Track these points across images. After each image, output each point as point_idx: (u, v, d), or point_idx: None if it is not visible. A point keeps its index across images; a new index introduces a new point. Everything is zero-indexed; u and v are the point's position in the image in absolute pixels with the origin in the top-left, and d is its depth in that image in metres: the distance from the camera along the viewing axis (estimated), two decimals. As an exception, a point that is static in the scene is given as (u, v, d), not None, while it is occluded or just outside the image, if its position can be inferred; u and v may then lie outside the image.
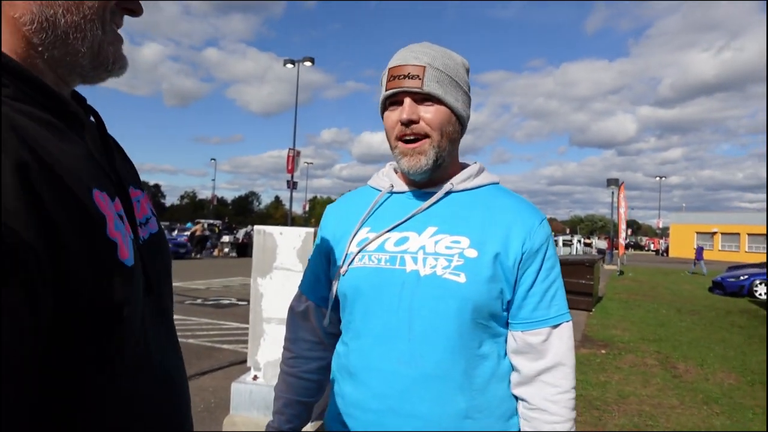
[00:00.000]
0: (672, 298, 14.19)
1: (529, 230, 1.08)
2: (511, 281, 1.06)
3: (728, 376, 6.07)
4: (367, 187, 1.26)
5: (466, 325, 1.02)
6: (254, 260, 3.81)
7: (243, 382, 3.77)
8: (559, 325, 1.09)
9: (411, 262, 1.05)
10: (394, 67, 1.08)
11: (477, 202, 1.12)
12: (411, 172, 1.09)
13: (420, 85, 1.05)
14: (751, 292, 15.08)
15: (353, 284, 1.10)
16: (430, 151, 1.07)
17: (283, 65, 27.75)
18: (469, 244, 1.04)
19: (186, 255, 22.94)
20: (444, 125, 1.08)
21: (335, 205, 1.29)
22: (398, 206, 1.15)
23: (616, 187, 27.35)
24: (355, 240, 1.13)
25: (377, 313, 1.06)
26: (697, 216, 54.05)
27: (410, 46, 1.11)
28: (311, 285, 1.25)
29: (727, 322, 10.32)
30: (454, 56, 1.12)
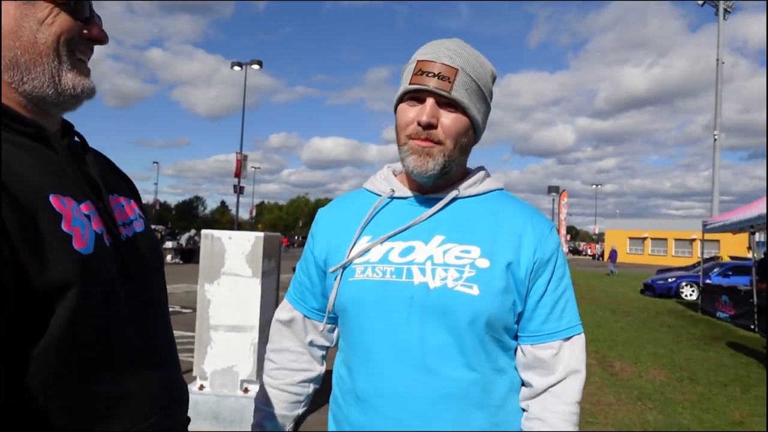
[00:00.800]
0: (608, 300, 14.85)
1: (540, 238, 1.03)
2: (522, 293, 1.01)
3: (659, 372, 6.42)
4: (364, 190, 1.17)
5: (481, 339, 0.96)
6: (201, 266, 3.72)
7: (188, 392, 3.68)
8: (571, 338, 1.03)
9: (419, 274, 0.98)
10: (425, 62, 0.99)
11: (484, 208, 1.06)
12: (416, 173, 1.01)
13: (448, 89, 0.97)
14: (678, 294, 15.99)
15: (355, 298, 1.01)
16: (439, 157, 1.00)
17: (231, 68, 27.24)
18: (480, 254, 0.99)
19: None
20: (460, 136, 1.01)
21: (328, 210, 1.19)
22: (401, 213, 1.07)
23: (557, 194, 28.40)
24: (355, 249, 1.05)
25: (384, 331, 0.98)
26: (630, 222, 56.97)
27: (444, 42, 1.03)
28: (299, 294, 1.18)
29: (657, 322, 10.90)
30: (485, 63, 1.06)
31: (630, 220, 57.77)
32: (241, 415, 3.61)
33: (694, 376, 6.26)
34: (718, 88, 25.68)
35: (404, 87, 1.02)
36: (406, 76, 1.03)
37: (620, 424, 4.49)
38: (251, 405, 4.13)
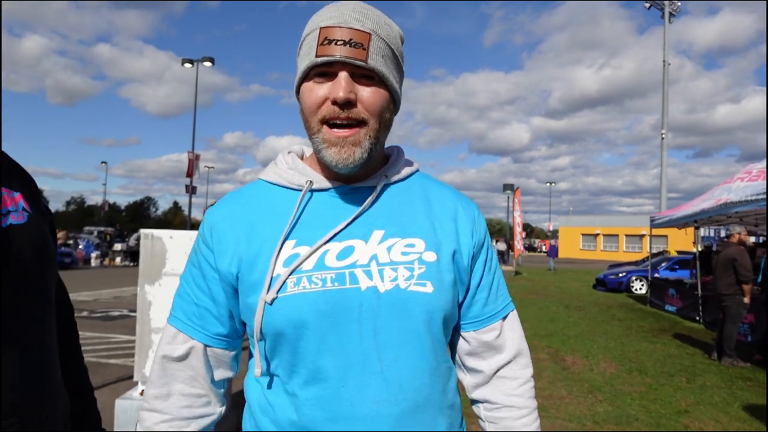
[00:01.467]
0: (561, 295, 15.20)
1: (473, 220, 0.99)
2: (465, 281, 0.96)
3: (610, 365, 6.56)
4: (262, 183, 0.98)
5: (437, 339, 0.90)
6: (141, 266, 3.55)
7: (129, 398, 3.51)
8: (508, 315, 1.02)
9: (365, 278, 0.85)
10: (331, 28, 0.84)
11: (414, 194, 0.98)
12: (340, 166, 0.87)
13: (365, 58, 0.83)
14: (629, 288, 16.52)
15: (293, 317, 0.83)
16: (365, 142, 0.86)
17: (182, 65, 26.53)
18: (425, 247, 0.90)
19: (72, 265, 21.13)
20: (383, 111, 0.89)
21: (225, 213, 0.95)
22: (326, 208, 0.92)
23: (511, 192, 28.90)
24: (280, 259, 0.87)
25: (334, 348, 0.83)
26: (583, 219, 58.61)
27: (347, 3, 0.88)
28: (197, 319, 0.94)
29: (608, 315, 11.20)
30: (393, 24, 0.93)
31: (583, 217, 59.47)
32: (185, 422, 3.47)
33: (642, 368, 6.43)
34: (665, 88, 26.67)
35: (309, 60, 0.85)
36: (307, 48, 0.87)
37: (571, 416, 4.55)
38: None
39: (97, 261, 24.35)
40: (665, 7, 27.58)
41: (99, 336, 7.65)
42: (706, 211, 9.63)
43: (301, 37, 0.91)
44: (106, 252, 26.00)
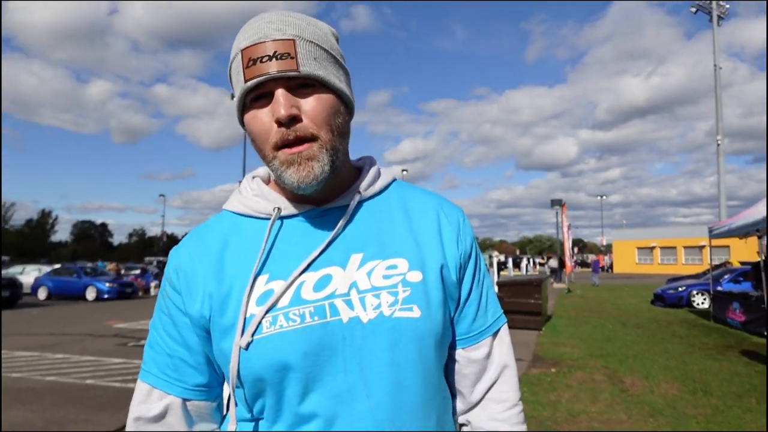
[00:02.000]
0: (617, 312, 14.63)
1: (457, 228, 0.91)
2: (455, 296, 0.88)
3: (671, 386, 6.25)
4: (227, 214, 0.91)
5: (430, 367, 0.82)
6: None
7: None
8: (498, 330, 0.94)
9: (346, 308, 0.79)
10: (251, 47, 0.78)
11: (392, 209, 0.90)
12: (303, 186, 0.80)
13: (295, 67, 0.77)
14: (690, 302, 15.74)
15: (273, 360, 0.76)
16: (321, 155, 0.80)
17: (231, 98, 27.53)
18: (408, 267, 0.83)
19: (132, 295, 22.00)
20: (332, 117, 0.81)
21: (191, 252, 0.87)
22: (297, 236, 0.85)
23: (560, 207, 28.27)
24: (253, 297, 0.80)
25: (319, 386, 0.77)
26: (637, 232, 56.46)
27: (263, 15, 0.82)
28: (168, 372, 0.86)
29: (668, 333, 10.70)
30: (319, 24, 0.86)
31: (637, 230, 57.30)
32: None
33: (707, 388, 6.09)
34: (718, 93, 25.65)
35: (240, 88, 0.80)
36: (236, 74, 0.81)
37: (631, 442, 4.35)
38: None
39: (155, 290, 25.26)
40: (713, 10, 26.69)
41: (156, 364, 7.90)
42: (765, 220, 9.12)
43: (228, 65, 0.84)
44: (164, 281, 26.98)
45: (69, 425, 4.96)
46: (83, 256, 70.18)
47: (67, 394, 6.08)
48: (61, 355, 8.63)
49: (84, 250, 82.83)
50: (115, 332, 11.48)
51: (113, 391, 6.27)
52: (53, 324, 12.95)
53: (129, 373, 7.22)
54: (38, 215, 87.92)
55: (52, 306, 18.39)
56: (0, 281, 17.41)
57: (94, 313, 15.54)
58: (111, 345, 9.71)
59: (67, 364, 7.90)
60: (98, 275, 22.17)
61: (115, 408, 5.51)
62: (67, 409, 5.50)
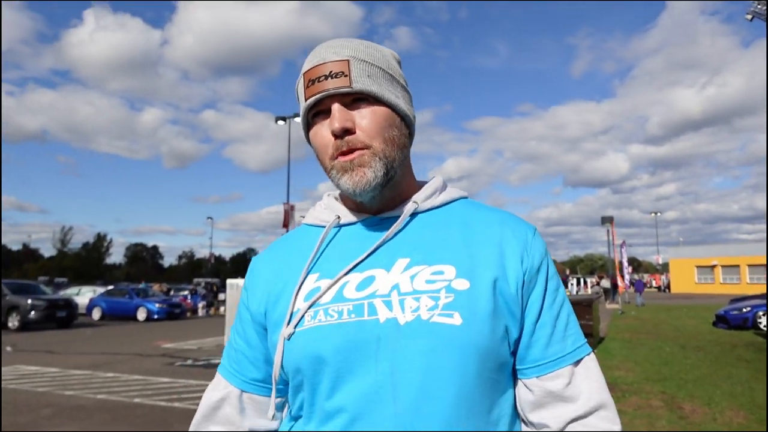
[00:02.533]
0: (676, 334, 13.90)
1: (524, 244, 0.87)
2: (516, 314, 0.83)
3: (737, 414, 5.81)
4: (305, 227, 0.99)
5: (470, 382, 0.76)
6: (227, 316, 3.68)
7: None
8: (581, 360, 0.85)
9: (384, 308, 0.79)
10: (311, 70, 0.85)
11: (451, 221, 0.90)
12: (357, 192, 0.84)
13: (348, 83, 0.83)
14: (756, 324, 14.79)
15: (309, 352, 0.80)
16: (374, 162, 0.83)
17: (275, 122, 28.21)
18: (455, 274, 0.81)
19: (181, 315, 22.58)
20: (385, 129, 0.85)
21: (264, 256, 0.98)
22: (351, 241, 0.89)
23: (609, 224, 27.38)
24: (301, 293, 0.85)
25: (348, 382, 0.77)
26: (696, 250, 54.03)
27: (324, 43, 0.89)
28: (235, 364, 0.94)
29: (733, 356, 10.04)
30: (380, 48, 0.91)
31: (696, 248, 54.84)
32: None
33: (777, 417, 5.63)
34: (778, 103, 24.38)
35: (303, 106, 0.87)
36: (300, 95, 0.90)
37: (692, 474, 4.04)
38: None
39: (203, 311, 25.85)
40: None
41: (201, 384, 7.97)
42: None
43: (295, 90, 0.93)
44: (212, 302, 27.53)
45: (114, 443, 5.03)
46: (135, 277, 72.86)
47: (116, 413, 6.20)
48: (112, 374, 8.86)
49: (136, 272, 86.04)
50: (162, 352, 11.74)
51: (159, 409, 6.36)
52: (105, 344, 13.38)
53: (175, 393, 7.32)
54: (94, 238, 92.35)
55: (105, 326, 19.08)
56: (57, 302, 18.21)
57: (144, 333, 16.01)
58: (158, 364, 9.91)
59: (116, 382, 8.10)
60: (149, 296, 22.89)
61: (161, 426, 5.57)
62: (115, 426, 5.61)
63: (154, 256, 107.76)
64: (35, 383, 7.96)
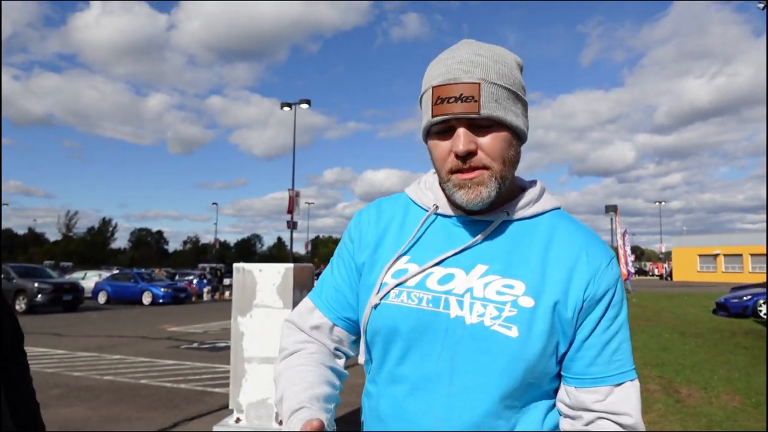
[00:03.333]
0: (676, 321, 13.99)
1: (594, 273, 0.92)
2: (569, 334, 0.90)
3: (732, 398, 5.91)
4: (405, 196, 1.08)
5: (514, 384, 0.87)
6: (234, 299, 3.76)
7: (225, 425, 3.68)
8: (623, 383, 0.90)
9: (456, 307, 0.89)
10: (441, 86, 0.89)
11: (536, 236, 0.96)
12: (470, 206, 0.92)
13: (477, 110, 0.86)
14: (756, 312, 14.86)
15: (389, 323, 0.93)
16: (490, 183, 0.90)
17: (281, 108, 28.18)
18: (524, 291, 0.89)
19: (186, 299, 22.78)
20: (505, 152, 0.91)
21: (371, 213, 1.08)
22: (443, 234, 0.98)
23: (614, 213, 27.37)
24: (391, 270, 0.96)
25: (415, 359, 0.91)
26: (699, 239, 53.91)
27: (455, 54, 0.91)
28: (335, 302, 1.05)
29: (731, 343, 10.13)
30: (506, 57, 0.94)
31: (699, 237, 54.74)
32: (277, 449, 3.57)
33: (772, 402, 5.73)
34: (785, 91, 24.22)
35: (427, 120, 0.92)
36: (425, 106, 0.93)
37: (685, 455, 4.14)
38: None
39: (208, 295, 26.07)
40: (778, 4, 25.31)
41: (206, 366, 8.12)
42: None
43: (420, 93, 0.97)
44: (217, 287, 27.75)
45: (123, 422, 5.16)
46: (140, 262, 73.20)
47: (123, 393, 6.35)
48: (118, 356, 9.03)
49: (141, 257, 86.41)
50: (168, 335, 11.91)
51: (165, 390, 6.50)
52: (111, 327, 13.56)
53: (181, 374, 7.47)
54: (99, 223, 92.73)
55: (110, 310, 19.29)
56: (63, 286, 18.40)
57: (149, 317, 16.19)
58: (164, 347, 10.08)
59: (123, 364, 8.25)
60: (154, 281, 23.08)
61: (167, 407, 5.70)
62: (122, 407, 5.74)
63: (159, 241, 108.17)
64: (44, 364, 8.12)
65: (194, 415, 5.38)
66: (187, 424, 5.10)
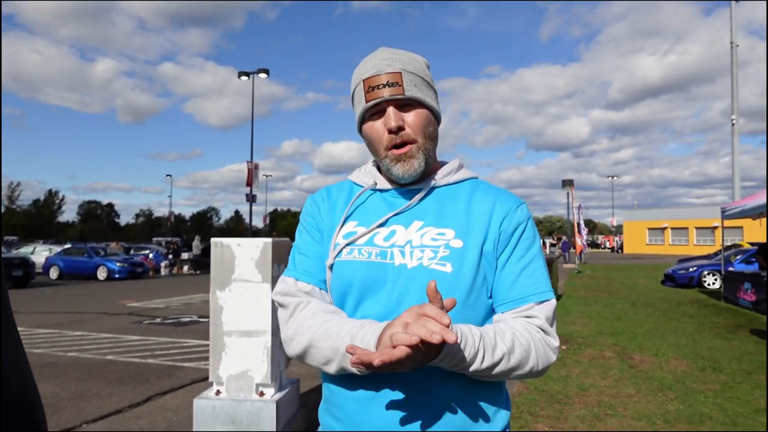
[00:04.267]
0: (627, 292, 14.69)
1: (506, 212, 1.12)
2: (493, 265, 1.09)
3: (681, 363, 6.32)
4: (349, 181, 1.26)
5: (453, 314, 0.98)
6: (212, 273, 3.76)
7: (205, 397, 3.71)
8: (542, 302, 1.08)
9: (399, 256, 1.07)
10: (371, 77, 1.09)
11: (459, 195, 1.16)
12: (405, 177, 1.11)
13: (402, 92, 1.08)
14: (701, 283, 15.75)
15: (344, 277, 1.09)
16: (419, 155, 1.10)
17: (239, 77, 27.44)
18: (454, 236, 1.08)
19: (143, 274, 22.32)
20: (426, 126, 1.11)
21: (322, 194, 1.26)
22: (384, 204, 1.17)
23: (570, 188, 28.13)
24: (341, 232, 1.14)
25: (367, 305, 1.07)
26: (648, 213, 56.17)
27: (377, 55, 1.13)
28: (308, 268, 1.16)
29: (678, 312, 10.75)
30: (416, 57, 1.16)
31: (648, 211, 57.01)
32: (257, 418, 3.63)
33: (716, 366, 6.16)
34: (734, 71, 25.24)
35: (363, 106, 1.11)
36: (358, 97, 1.13)
37: (640, 415, 4.44)
38: (267, 408, 4.09)
39: (166, 270, 25.55)
40: (729, -14, 26.14)
41: (172, 341, 8.07)
42: (783, 200, 9.08)
43: (351, 89, 1.17)
44: (174, 261, 27.22)
45: (94, 398, 5.12)
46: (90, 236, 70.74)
47: (90, 369, 6.26)
48: (80, 332, 8.85)
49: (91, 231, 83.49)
50: (129, 311, 11.71)
51: (134, 366, 6.45)
52: (67, 303, 13.22)
53: (147, 350, 7.40)
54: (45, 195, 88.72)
55: (64, 285, 18.72)
56: (13, 261, 17.73)
57: (107, 293, 15.82)
58: (127, 323, 9.93)
59: (86, 340, 8.11)
60: (109, 255, 22.45)
61: (137, 382, 5.68)
62: (90, 383, 5.68)
63: (110, 215, 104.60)
64: None
65: (167, 389, 5.39)
66: (160, 398, 5.11)
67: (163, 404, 4.93)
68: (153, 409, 4.81)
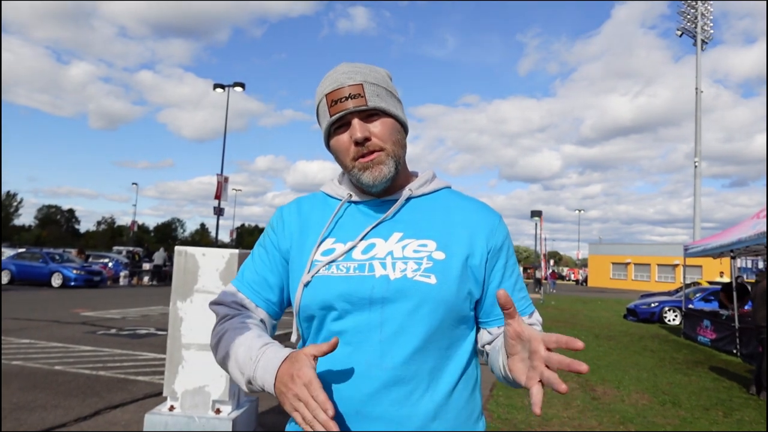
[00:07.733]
0: (591, 324, 14.84)
1: (491, 228, 1.13)
2: (479, 280, 1.09)
3: (642, 396, 6.36)
4: (322, 194, 1.23)
5: (436, 326, 1.02)
6: (174, 283, 3.61)
7: (158, 413, 3.53)
8: (532, 313, 1.16)
9: (380, 268, 1.04)
10: (333, 92, 1.08)
11: (436, 205, 1.15)
12: (375, 184, 1.08)
13: (365, 103, 1.06)
14: (662, 318, 16.04)
15: (321, 295, 1.05)
16: (388, 161, 1.08)
17: (214, 89, 27.19)
18: (436, 247, 1.07)
19: (101, 283, 21.56)
20: (393, 134, 1.10)
21: (291, 208, 1.22)
22: (360, 216, 1.14)
23: (539, 219, 28.56)
24: (320, 249, 1.10)
25: (348, 319, 1.03)
26: (613, 248, 57.41)
27: (338, 69, 1.12)
28: (253, 284, 1.15)
29: (640, 346, 10.88)
30: (378, 69, 1.16)
31: (613, 246, 58.29)
32: (211, 439, 3.46)
33: (676, 400, 6.22)
34: (698, 116, 26.29)
35: (328, 121, 1.09)
36: (322, 112, 1.11)
37: (603, 448, 4.40)
38: (223, 426, 3.93)
39: (125, 280, 24.76)
40: (697, 35, 27.37)
41: (127, 353, 7.74)
42: (743, 241, 9.36)
43: (315, 106, 1.15)
44: (134, 271, 26.43)
45: (38, 410, 4.82)
46: (48, 241, 68.44)
47: (35, 379, 5.92)
48: (27, 340, 8.40)
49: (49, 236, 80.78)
50: (83, 320, 11.21)
51: (83, 377, 6.13)
52: (17, 309, 12.58)
53: (99, 361, 7.07)
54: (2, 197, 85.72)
55: (15, 291, 17.84)
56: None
57: (61, 300, 15.13)
58: (79, 333, 9.49)
59: (33, 349, 7.70)
60: (65, 262, 21.64)
61: (86, 395, 5.38)
62: (35, 393, 5.36)
63: (70, 220, 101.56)
64: (-58, 346, 7.44)
65: (117, 403, 5.11)
66: (110, 413, 4.84)
67: (112, 419, 4.67)
68: (101, 423, 4.55)
